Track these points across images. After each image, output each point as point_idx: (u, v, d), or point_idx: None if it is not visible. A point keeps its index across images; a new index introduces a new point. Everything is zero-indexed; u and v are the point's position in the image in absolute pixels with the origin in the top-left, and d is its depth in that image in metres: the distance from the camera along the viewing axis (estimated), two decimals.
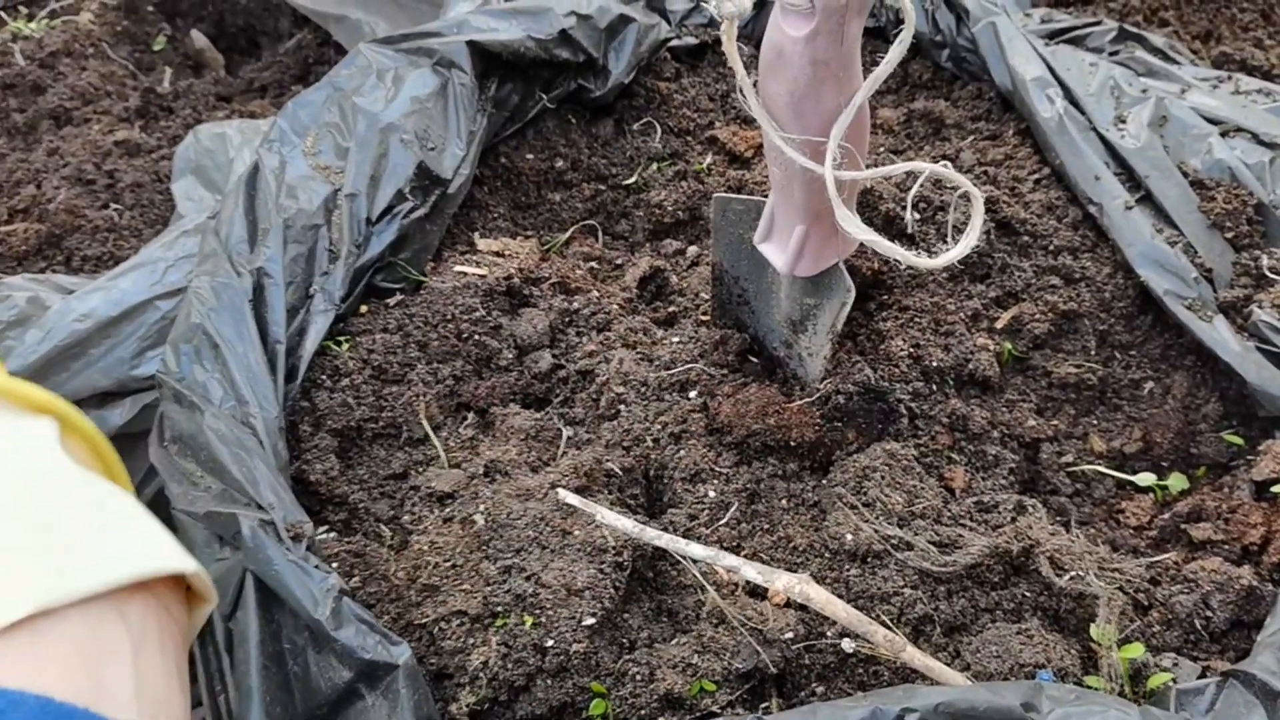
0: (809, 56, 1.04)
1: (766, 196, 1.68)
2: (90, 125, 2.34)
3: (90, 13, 2.73)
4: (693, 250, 1.74)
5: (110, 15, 2.72)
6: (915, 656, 1.09)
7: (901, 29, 1.06)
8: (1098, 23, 1.95)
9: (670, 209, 1.75)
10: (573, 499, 1.21)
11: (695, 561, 1.19)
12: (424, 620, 1.22)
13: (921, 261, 1.08)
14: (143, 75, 2.59)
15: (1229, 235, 1.51)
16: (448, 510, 1.32)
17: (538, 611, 1.19)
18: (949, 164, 1.65)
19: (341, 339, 1.50)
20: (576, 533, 1.24)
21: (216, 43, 2.73)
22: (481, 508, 1.29)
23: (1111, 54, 1.87)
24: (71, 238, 1.99)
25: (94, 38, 2.63)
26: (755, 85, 1.12)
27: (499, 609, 1.20)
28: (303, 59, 2.55)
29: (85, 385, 1.64)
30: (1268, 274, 1.47)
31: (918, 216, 1.55)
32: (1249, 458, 1.40)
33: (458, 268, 1.59)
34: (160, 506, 1.68)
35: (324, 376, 1.46)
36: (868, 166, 1.17)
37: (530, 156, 1.79)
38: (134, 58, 2.67)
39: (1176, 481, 1.44)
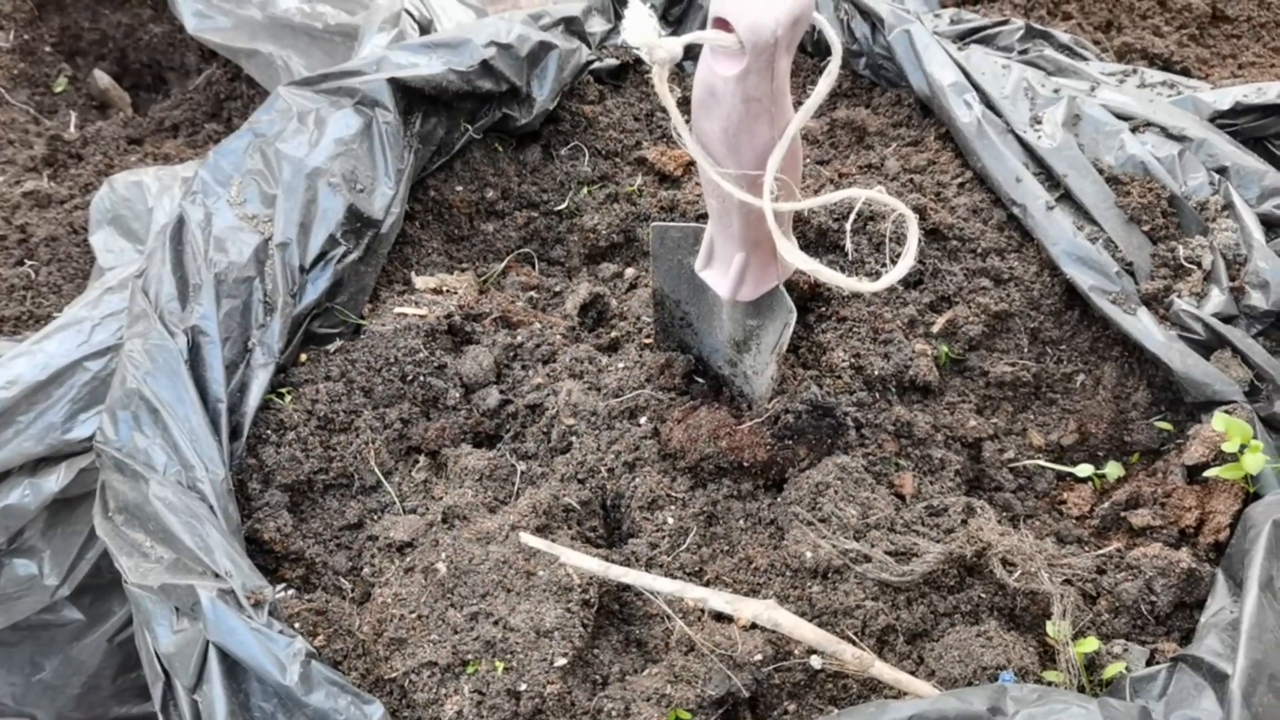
0: (741, 94, 1.06)
1: (701, 220, 1.70)
2: None
3: None
4: (630, 272, 1.74)
5: (5, 59, 2.63)
6: (884, 671, 1.12)
7: (828, 60, 1.08)
8: (1005, 22, 2.01)
9: (604, 232, 1.76)
10: (535, 542, 1.21)
11: (663, 595, 1.20)
12: (394, 674, 1.21)
13: (862, 286, 1.11)
14: (46, 120, 2.51)
15: (1146, 228, 1.57)
16: (408, 560, 1.31)
17: (508, 656, 1.19)
18: (881, 185, 1.69)
19: (284, 391, 1.48)
20: (541, 573, 1.25)
21: (121, 81, 2.65)
22: (443, 555, 1.28)
23: (1021, 53, 1.93)
24: None
25: None
26: (689, 123, 1.13)
27: (469, 656, 1.20)
28: (214, 95, 2.49)
29: (16, 454, 1.60)
30: (1184, 264, 1.53)
31: (849, 227, 1.58)
32: (1179, 442, 1.46)
33: (397, 309, 1.57)
34: (100, 573, 1.66)
35: (269, 431, 1.44)
36: (801, 189, 1.20)
37: (460, 189, 1.78)
38: (35, 102, 2.58)
39: (1113, 470, 1.49)
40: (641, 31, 1.01)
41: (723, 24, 1.05)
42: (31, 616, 1.67)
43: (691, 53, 1.11)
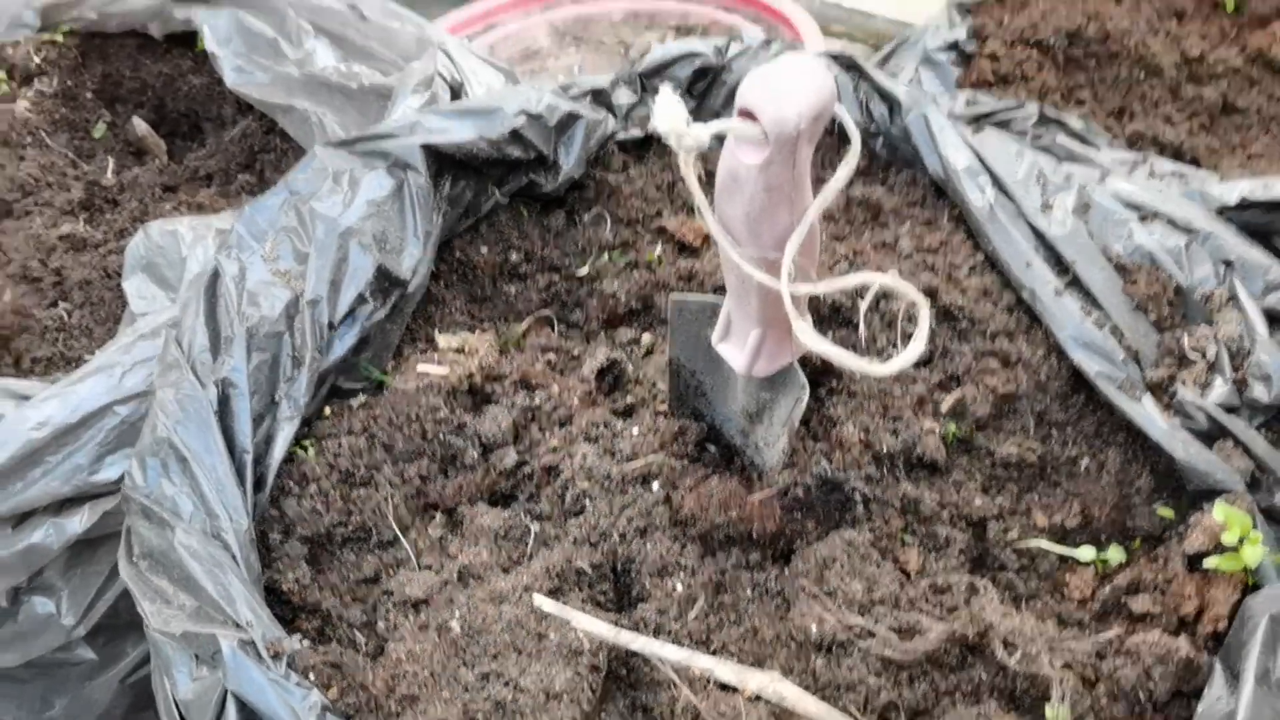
0: (763, 182, 1.11)
1: (718, 291, 1.75)
2: (32, 218, 2.33)
3: (27, 100, 2.72)
4: (647, 338, 1.79)
5: (48, 103, 2.71)
6: None
7: (848, 147, 1.14)
8: (1019, 106, 2.06)
9: (624, 299, 1.81)
10: (548, 605, 1.24)
11: (671, 663, 1.23)
12: None
13: (873, 369, 1.14)
14: (84, 164, 2.58)
15: (1152, 317, 1.61)
16: (423, 617, 1.34)
17: (517, 717, 1.22)
18: (894, 263, 1.74)
19: (307, 443, 1.52)
20: (552, 635, 1.28)
21: (158, 129, 2.72)
22: (457, 613, 1.31)
23: (1035, 138, 1.98)
24: (20, 339, 1.98)
25: (31, 126, 2.62)
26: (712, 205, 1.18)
27: (479, 716, 1.23)
28: (248, 147, 2.56)
29: (43, 493, 1.64)
30: (1189, 354, 1.57)
31: (864, 307, 1.62)
32: (1180, 529, 1.49)
33: (420, 367, 1.62)
34: (116, 614, 1.69)
35: (292, 483, 1.47)
36: (817, 264, 1.25)
37: (485, 250, 1.83)
38: (73, 145, 2.65)
39: (1115, 554, 1.51)
40: (671, 120, 1.07)
41: (748, 115, 1.10)
42: (46, 655, 1.70)
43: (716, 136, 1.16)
